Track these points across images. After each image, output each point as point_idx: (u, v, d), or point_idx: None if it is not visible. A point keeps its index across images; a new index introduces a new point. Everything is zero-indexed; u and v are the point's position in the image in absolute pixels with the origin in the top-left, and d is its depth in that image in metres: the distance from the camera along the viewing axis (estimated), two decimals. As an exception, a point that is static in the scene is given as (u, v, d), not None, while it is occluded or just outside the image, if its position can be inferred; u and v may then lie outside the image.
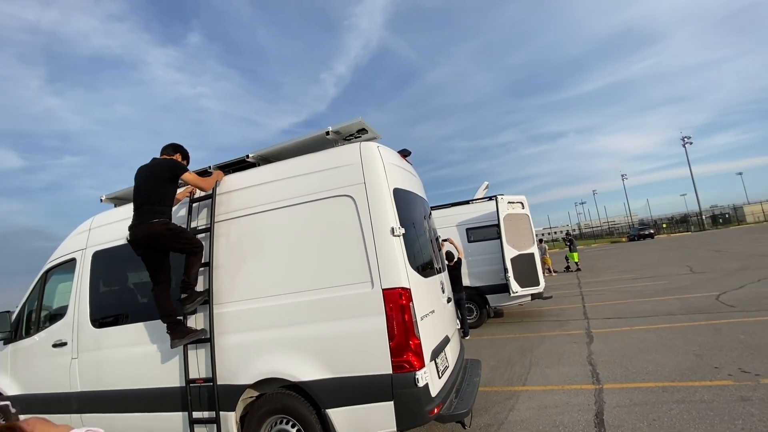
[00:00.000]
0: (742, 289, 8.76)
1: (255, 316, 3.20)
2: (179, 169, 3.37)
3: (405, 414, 2.76)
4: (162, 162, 3.45)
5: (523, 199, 8.38)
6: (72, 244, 4.37)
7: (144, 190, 3.33)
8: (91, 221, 4.36)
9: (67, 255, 4.35)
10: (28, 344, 4.36)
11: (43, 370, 4.17)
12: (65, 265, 4.38)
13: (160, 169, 3.38)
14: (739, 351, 4.85)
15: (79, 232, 4.39)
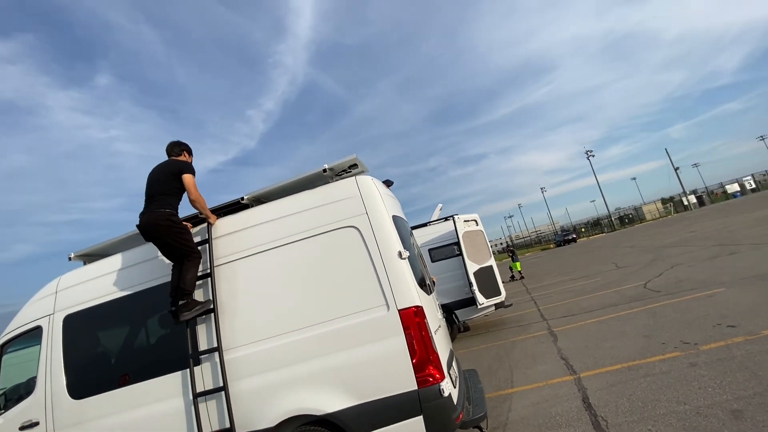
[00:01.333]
0: (661, 276, 10.21)
1: (270, 357, 3.20)
2: (185, 168, 3.54)
3: (434, 425, 2.93)
4: (172, 161, 3.67)
5: (476, 217, 9.10)
6: (34, 311, 3.95)
7: (154, 185, 3.49)
8: (56, 283, 4.01)
9: (30, 324, 3.93)
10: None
11: (6, 460, 3.64)
12: (27, 334, 3.94)
13: (170, 167, 3.57)
14: (676, 327, 5.72)
15: (42, 296, 4.00)
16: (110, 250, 4.20)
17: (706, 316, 5.85)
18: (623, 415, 3.61)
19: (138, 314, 3.79)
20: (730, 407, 3.25)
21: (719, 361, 4.19)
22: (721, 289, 7.14)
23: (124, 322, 3.82)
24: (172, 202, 3.45)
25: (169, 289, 3.38)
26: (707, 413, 3.26)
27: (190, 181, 3.48)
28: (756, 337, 4.56)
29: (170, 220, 3.35)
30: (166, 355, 3.51)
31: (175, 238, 3.33)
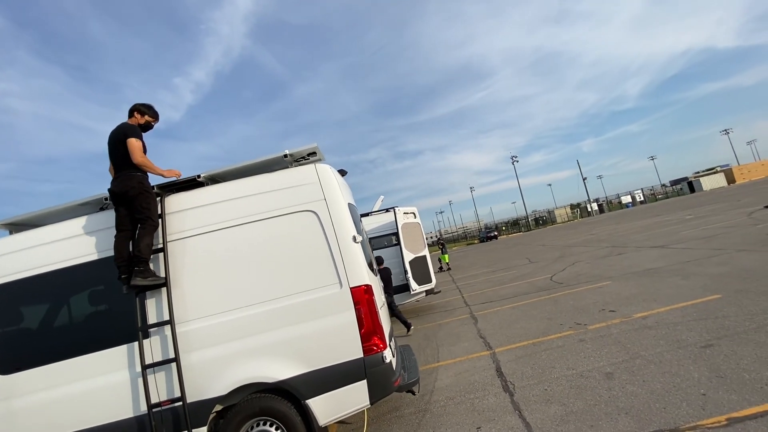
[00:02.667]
0: (564, 271, 11.81)
1: (223, 330, 3.35)
2: (129, 131, 3.54)
3: (376, 388, 3.35)
4: (119, 126, 3.63)
5: (414, 210, 9.71)
6: (-54, 282, 3.59)
7: (113, 151, 3.55)
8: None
9: (-61, 295, 3.56)
10: None
11: None
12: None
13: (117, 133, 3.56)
14: (572, 312, 6.83)
15: (-44, 266, 3.64)
16: (40, 220, 3.94)
17: (594, 303, 7.06)
18: (527, 379, 4.37)
19: (74, 288, 3.64)
20: (604, 371, 4.13)
21: (600, 337, 5.19)
22: (608, 282, 8.57)
23: (60, 296, 3.65)
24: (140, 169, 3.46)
25: (113, 260, 3.34)
26: (588, 375, 4.11)
27: (133, 145, 3.47)
28: (629, 319, 5.69)
29: (141, 184, 3.40)
30: (108, 329, 3.46)
31: (142, 203, 3.35)
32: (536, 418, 3.46)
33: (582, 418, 3.30)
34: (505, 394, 4.12)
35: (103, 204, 3.84)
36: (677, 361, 3.97)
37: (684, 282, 7.10)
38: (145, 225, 3.36)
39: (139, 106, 3.80)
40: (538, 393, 3.95)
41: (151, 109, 3.84)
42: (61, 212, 3.88)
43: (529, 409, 3.67)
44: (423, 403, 4.35)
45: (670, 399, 3.29)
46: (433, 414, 4.04)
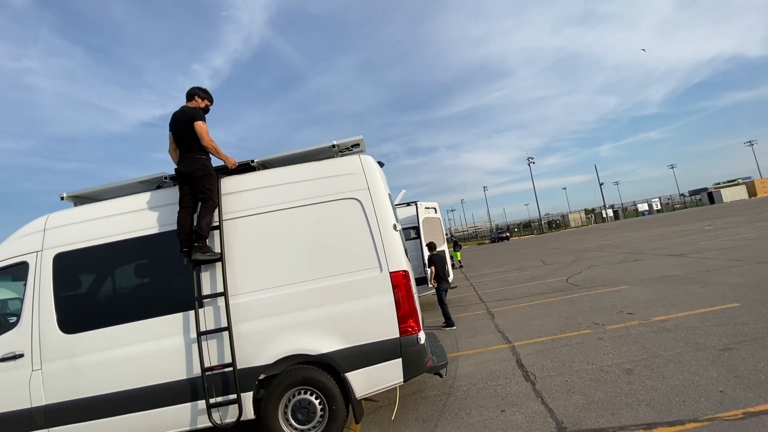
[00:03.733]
0: (580, 274, 11.90)
1: (272, 304, 3.62)
2: (196, 115, 3.80)
3: (410, 367, 3.59)
4: (184, 109, 3.88)
5: (435, 205, 9.91)
6: (19, 247, 3.93)
7: (180, 134, 3.80)
8: (44, 221, 4.00)
9: (13, 258, 3.91)
10: (-46, 364, 3.75)
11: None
12: (9, 270, 3.92)
13: (183, 116, 3.81)
14: (589, 313, 6.97)
15: (27, 233, 3.98)
16: (101, 195, 4.25)
17: (612, 305, 7.18)
18: (547, 371, 4.56)
19: (135, 258, 3.96)
20: (624, 367, 4.31)
21: (619, 337, 5.34)
22: (625, 287, 8.66)
23: (122, 265, 3.98)
24: (204, 152, 3.75)
25: (176, 234, 3.63)
26: (607, 370, 4.28)
27: (200, 128, 3.74)
28: (647, 321, 5.82)
29: (206, 167, 3.69)
30: (166, 297, 3.74)
31: (205, 184, 3.62)
32: (559, 405, 3.66)
33: (603, 407, 3.49)
34: (527, 383, 4.33)
35: (161, 182, 4.14)
36: (696, 361, 4.12)
37: (703, 290, 7.18)
38: (206, 204, 3.64)
39: (198, 90, 4.06)
40: (559, 383, 4.15)
41: (208, 93, 4.10)
42: (121, 188, 4.20)
43: (552, 397, 3.86)
44: (446, 388, 4.58)
45: (689, 394, 3.46)
46: (457, 397, 4.27)
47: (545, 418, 3.47)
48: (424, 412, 4.03)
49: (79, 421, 3.57)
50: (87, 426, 3.57)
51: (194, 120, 3.72)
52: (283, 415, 3.54)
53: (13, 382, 3.64)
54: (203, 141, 3.71)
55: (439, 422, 3.74)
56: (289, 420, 3.54)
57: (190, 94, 4.03)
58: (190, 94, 4.02)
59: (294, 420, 3.53)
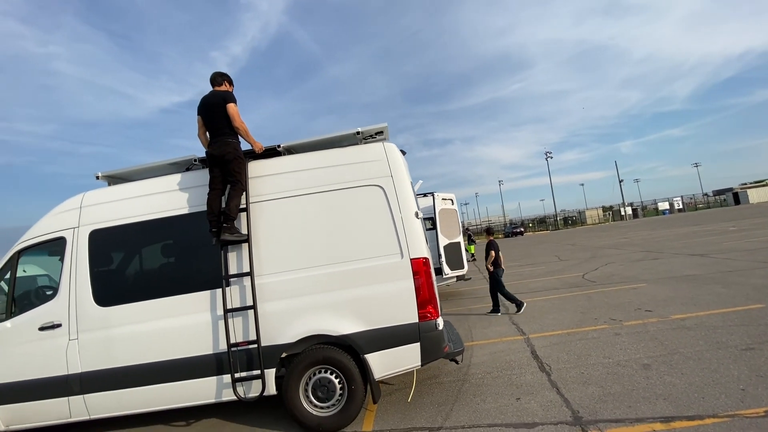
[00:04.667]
0: (597, 270, 11.76)
1: (295, 285, 3.73)
2: (228, 97, 3.88)
3: (428, 351, 3.66)
4: (217, 92, 3.96)
5: (452, 197, 9.89)
6: (58, 222, 4.13)
7: (212, 117, 3.87)
8: (81, 199, 4.18)
9: (52, 233, 4.11)
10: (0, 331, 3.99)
11: (25, 356, 3.89)
12: (48, 244, 4.13)
13: (216, 98, 3.89)
14: (606, 308, 6.93)
15: (64, 210, 4.17)
16: (133, 175, 4.40)
17: (629, 302, 7.11)
18: (563, 363, 4.58)
19: (165, 237, 4.11)
20: (641, 362, 4.30)
21: (637, 333, 5.31)
22: (644, 284, 8.55)
23: (154, 243, 4.14)
24: (232, 132, 3.83)
25: (206, 215, 3.75)
26: (624, 365, 4.28)
27: (233, 110, 3.84)
28: (666, 319, 5.76)
29: (236, 150, 3.78)
30: (196, 275, 3.89)
31: (235, 167, 3.73)
32: (575, 396, 3.69)
33: (620, 399, 3.51)
34: (542, 373, 4.36)
35: (190, 165, 4.26)
36: (717, 359, 4.08)
37: (725, 290, 7.04)
38: (235, 187, 3.74)
39: (219, 76, 4.09)
40: (575, 375, 4.17)
41: (228, 77, 4.15)
42: (152, 169, 4.34)
43: (567, 387, 3.89)
44: (461, 375, 4.65)
45: (709, 391, 3.45)
46: (471, 384, 4.33)
47: (561, 407, 3.51)
48: (439, 396, 4.11)
49: (111, 389, 3.78)
50: (119, 394, 3.77)
51: (227, 102, 3.81)
52: (304, 393, 3.66)
53: (52, 349, 3.86)
54: (235, 122, 3.79)
55: (455, 406, 3.82)
56: (309, 397, 3.66)
57: (214, 79, 4.07)
58: (221, 80, 4.08)
59: (314, 397, 3.66)
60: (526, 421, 3.36)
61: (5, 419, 3.93)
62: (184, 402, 3.77)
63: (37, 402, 3.85)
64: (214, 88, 4.05)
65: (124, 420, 4.42)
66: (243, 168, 3.83)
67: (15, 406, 3.90)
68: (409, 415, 3.77)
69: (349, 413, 3.62)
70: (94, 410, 3.81)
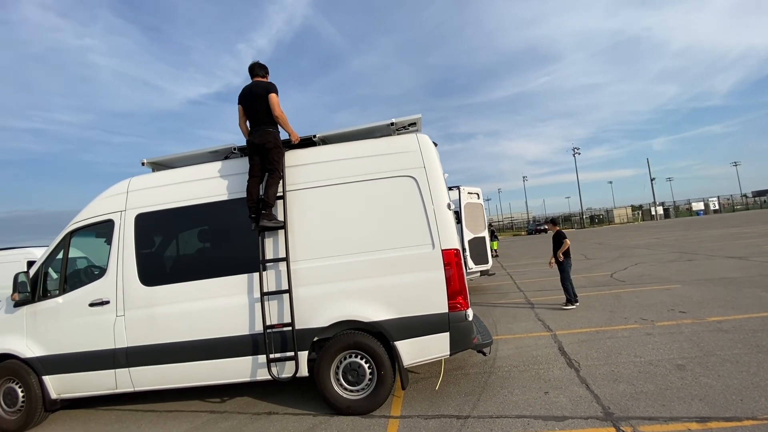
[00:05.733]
0: (626, 270, 11.44)
1: (328, 272, 3.83)
2: (271, 87, 4.00)
3: (457, 341, 3.71)
4: (260, 82, 4.09)
5: (479, 191, 9.81)
6: (106, 206, 4.37)
7: (254, 106, 4.00)
8: (127, 183, 4.41)
9: (101, 216, 4.36)
10: (52, 306, 4.28)
11: (77, 329, 4.17)
12: (97, 226, 4.38)
13: (259, 88, 4.01)
14: (636, 308, 6.76)
15: (113, 194, 4.41)
16: (175, 162, 4.60)
17: (662, 303, 6.92)
18: (592, 360, 4.53)
19: (208, 222, 4.28)
20: (675, 362, 4.20)
21: (670, 333, 5.18)
22: (677, 286, 8.28)
23: (196, 227, 4.34)
24: (273, 122, 3.96)
25: (246, 201, 3.89)
26: (657, 364, 4.20)
27: (274, 100, 3.95)
28: (702, 321, 5.59)
29: (276, 139, 3.91)
30: (235, 259, 4.05)
31: (274, 156, 3.86)
32: (605, 392, 3.66)
33: (653, 397, 3.46)
34: (571, 369, 4.33)
35: (229, 153, 4.42)
36: (756, 363, 3.95)
37: (766, 294, 6.74)
38: (273, 175, 3.87)
39: (258, 67, 4.18)
40: (605, 372, 4.12)
41: (266, 68, 4.25)
42: (193, 157, 4.52)
43: (597, 384, 3.86)
44: (487, 367, 4.67)
45: (748, 393, 3.35)
46: (498, 376, 4.35)
47: (590, 403, 3.49)
48: (465, 386, 4.15)
49: (154, 364, 4.00)
50: (161, 368, 4.00)
51: (269, 92, 3.93)
52: (335, 376, 3.78)
53: (100, 324, 4.12)
54: (275, 111, 3.91)
55: (482, 397, 3.85)
56: (340, 380, 3.78)
57: (253, 71, 4.17)
58: (254, 70, 4.16)
59: (344, 381, 3.78)
60: (555, 414, 3.37)
61: (57, 388, 4.23)
62: (221, 379, 3.96)
63: (86, 373, 4.13)
64: (254, 79, 4.16)
65: (164, 393, 4.69)
66: (281, 157, 3.94)
67: (66, 376, 4.19)
68: (437, 403, 3.83)
69: (378, 398, 3.72)
70: (139, 383, 4.06)
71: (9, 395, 4.27)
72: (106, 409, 4.64)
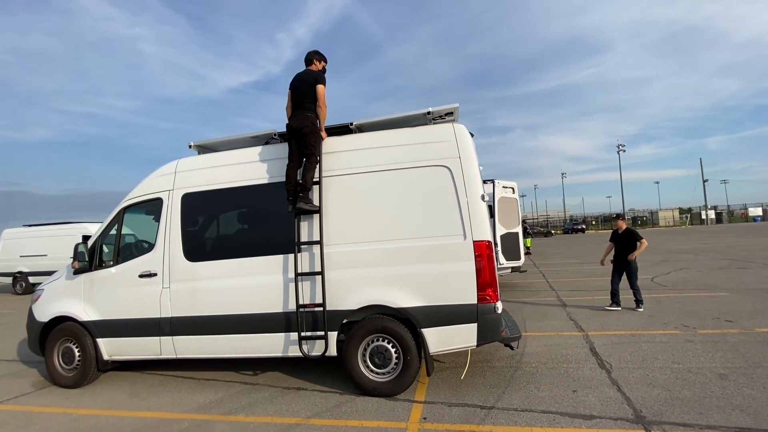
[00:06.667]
0: (669, 275, 10.86)
1: (359, 257, 3.92)
2: (320, 78, 4.15)
3: (484, 333, 3.70)
4: (310, 72, 4.24)
5: (514, 185, 9.60)
6: (156, 185, 4.67)
7: (300, 93, 4.14)
8: (175, 165, 4.68)
9: (151, 194, 4.66)
10: (106, 275, 4.65)
11: (127, 298, 4.52)
12: (147, 203, 4.70)
13: (308, 77, 4.18)
14: (678, 314, 6.44)
15: (162, 174, 4.69)
16: (219, 146, 4.83)
17: (707, 310, 6.55)
18: (625, 363, 4.39)
19: (248, 204, 4.48)
20: (717, 371, 3.99)
21: (713, 342, 4.91)
22: (725, 294, 7.79)
23: (237, 209, 4.56)
24: (314, 108, 4.08)
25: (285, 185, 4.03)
26: (697, 372, 4.01)
27: (321, 91, 4.08)
28: (750, 331, 5.25)
29: (314, 125, 4.01)
30: (272, 240, 4.23)
31: (310, 140, 3.97)
32: (637, 396, 3.55)
33: (690, 405, 3.32)
34: (602, 370, 4.22)
35: (270, 139, 4.58)
36: (810, 378, 3.68)
37: (828, 308, 6.22)
38: (310, 160, 3.98)
39: (315, 54, 4.33)
40: (639, 376, 3.99)
41: (322, 55, 4.38)
42: (236, 142, 4.73)
43: (629, 387, 3.75)
44: (514, 362, 4.63)
45: (798, 409, 3.15)
46: (525, 372, 4.31)
47: (621, 404, 3.40)
48: (491, 379, 4.15)
49: (196, 334, 4.28)
50: (201, 339, 4.27)
51: (318, 83, 4.07)
52: (362, 357, 3.89)
53: (148, 294, 4.43)
54: (319, 101, 4.05)
55: (507, 390, 3.84)
56: (366, 362, 3.89)
57: (308, 59, 4.32)
58: (309, 58, 4.32)
59: (371, 363, 3.88)
60: (582, 412, 3.31)
61: (109, 350, 4.61)
62: (255, 353, 4.17)
63: (135, 338, 4.47)
64: (308, 68, 4.30)
65: (203, 363, 5.00)
66: (318, 142, 4.05)
67: (117, 339, 4.56)
68: (461, 392, 3.86)
69: (403, 382, 3.79)
70: (181, 351, 4.35)
71: (67, 354, 4.70)
72: (150, 373, 5.02)
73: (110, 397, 4.34)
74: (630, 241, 7.29)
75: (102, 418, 3.82)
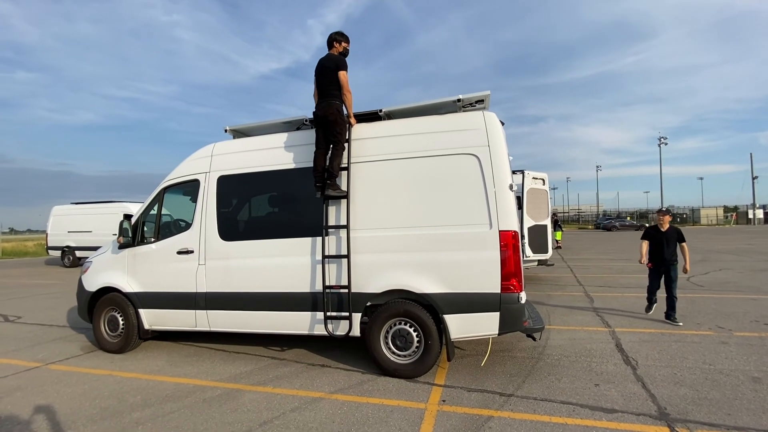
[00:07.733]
0: (707, 275, 10.37)
1: (385, 242, 4.01)
2: (341, 64, 4.13)
3: (506, 322, 3.72)
4: (331, 57, 4.21)
5: (544, 176, 9.37)
6: (193, 167, 4.91)
7: (323, 79, 4.15)
8: (212, 148, 4.89)
9: (189, 176, 4.90)
10: (148, 250, 4.96)
11: (166, 272, 4.81)
12: (186, 184, 4.94)
13: (329, 63, 4.16)
14: (713, 315, 6.19)
15: (199, 156, 4.92)
16: (252, 131, 5.00)
17: (745, 313, 6.25)
18: (652, 361, 4.30)
19: (279, 187, 4.64)
20: (750, 374, 3.85)
21: (749, 345, 4.71)
22: (767, 297, 7.38)
23: (269, 192, 4.74)
24: (338, 95, 4.11)
25: (312, 171, 4.15)
26: (729, 374, 3.88)
27: (344, 77, 4.10)
28: (791, 336, 4.99)
29: (339, 112, 4.08)
30: (301, 223, 4.39)
31: (336, 128, 4.04)
32: (663, 393, 3.49)
33: (718, 405, 3.24)
34: (627, 366, 4.15)
35: (300, 125, 4.70)
36: None
37: None
38: (337, 147, 4.06)
39: (335, 35, 4.28)
40: (666, 375, 3.90)
41: (344, 35, 4.32)
42: (268, 127, 4.88)
43: (655, 384, 3.68)
44: (536, 353, 4.62)
45: (837, 417, 3.01)
46: (546, 363, 4.31)
47: (645, 401, 3.36)
48: (511, 368, 4.18)
49: (228, 309, 4.52)
50: (233, 314, 4.51)
51: (339, 69, 4.08)
52: (384, 339, 4.01)
53: (185, 270, 4.70)
54: (343, 88, 4.08)
55: (527, 379, 3.86)
56: (389, 344, 4.00)
57: (330, 42, 4.31)
58: (330, 41, 4.31)
59: (393, 345, 3.99)
60: (603, 406, 3.29)
61: (149, 321, 4.94)
62: (282, 329, 4.37)
63: (172, 311, 4.78)
64: (330, 51, 4.31)
65: (234, 337, 5.28)
66: (343, 129, 4.10)
67: (157, 311, 4.88)
68: (481, 378, 3.91)
69: (424, 365, 3.89)
70: (214, 324, 4.62)
71: (112, 322, 5.08)
72: (185, 344, 5.35)
73: (150, 363, 4.68)
74: (676, 242, 6.36)
75: (143, 381, 4.14)
